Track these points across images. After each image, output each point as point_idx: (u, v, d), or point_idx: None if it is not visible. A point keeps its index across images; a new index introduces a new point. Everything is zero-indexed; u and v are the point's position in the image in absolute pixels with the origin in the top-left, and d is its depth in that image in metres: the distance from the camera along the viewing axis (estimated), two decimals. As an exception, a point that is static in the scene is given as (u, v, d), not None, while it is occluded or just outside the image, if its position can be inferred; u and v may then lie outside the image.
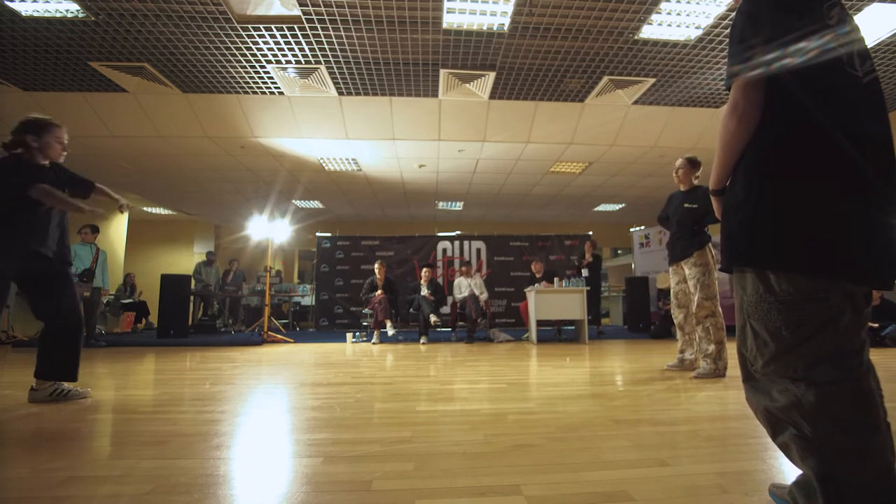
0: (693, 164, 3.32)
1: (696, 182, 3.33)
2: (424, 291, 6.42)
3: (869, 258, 0.89)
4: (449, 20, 4.01)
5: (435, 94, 5.39)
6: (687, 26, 4.12)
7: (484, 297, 6.48)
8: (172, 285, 6.69)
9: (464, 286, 6.53)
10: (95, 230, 5.77)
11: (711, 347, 3.03)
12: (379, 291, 6.23)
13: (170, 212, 10.47)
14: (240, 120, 5.80)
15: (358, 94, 5.36)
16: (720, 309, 3.15)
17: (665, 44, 4.40)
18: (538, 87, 5.24)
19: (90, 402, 2.33)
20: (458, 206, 10.37)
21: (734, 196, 1.01)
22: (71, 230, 2.50)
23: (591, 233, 8.98)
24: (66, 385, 2.35)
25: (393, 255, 8.53)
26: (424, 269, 6.63)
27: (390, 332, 6.23)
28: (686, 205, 3.24)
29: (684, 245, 3.24)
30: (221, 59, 4.60)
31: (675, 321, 3.43)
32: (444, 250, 8.69)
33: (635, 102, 5.62)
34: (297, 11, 3.89)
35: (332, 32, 4.17)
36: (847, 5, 3.79)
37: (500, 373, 3.30)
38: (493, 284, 8.25)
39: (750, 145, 0.98)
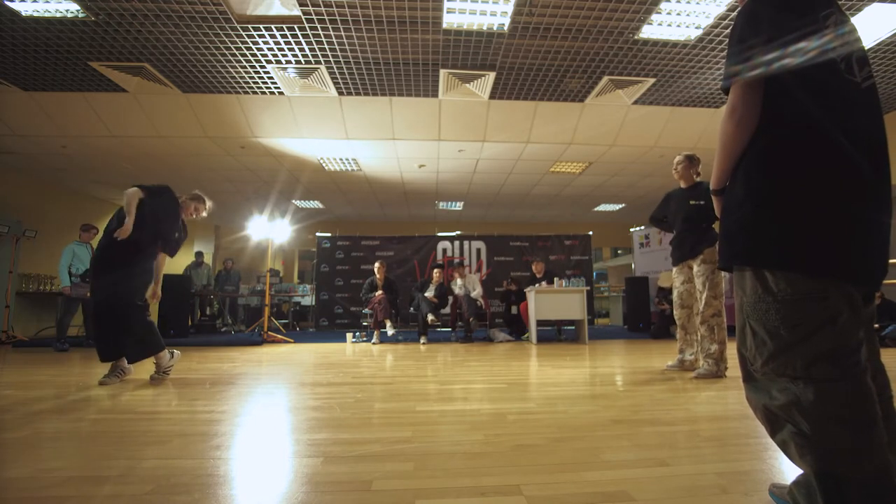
0: (692, 160, 3.30)
1: (697, 179, 3.31)
2: (430, 292, 6.41)
3: (865, 258, 0.90)
4: (449, 20, 4.00)
5: (435, 94, 5.39)
6: (687, 26, 4.12)
7: (477, 292, 6.46)
8: (172, 285, 6.69)
9: (458, 286, 6.53)
10: (92, 228, 5.70)
11: (714, 347, 3.01)
12: (379, 292, 6.23)
13: (170, 212, 10.46)
14: (240, 120, 5.80)
15: (358, 94, 5.36)
16: (725, 309, 3.13)
17: (665, 44, 4.40)
18: (538, 87, 5.24)
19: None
20: (458, 206, 10.37)
21: (734, 195, 1.02)
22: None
23: (591, 233, 9.00)
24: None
25: (393, 255, 8.54)
26: (436, 270, 6.60)
27: (390, 332, 6.22)
28: (692, 202, 3.20)
29: (693, 242, 3.18)
30: (221, 59, 4.60)
31: (678, 321, 3.40)
32: (444, 250, 8.69)
33: (635, 102, 5.62)
34: (297, 11, 3.89)
35: (332, 32, 4.17)
36: (847, 5, 3.79)
37: (499, 373, 3.30)
38: (494, 285, 8.26)
39: (750, 146, 0.98)
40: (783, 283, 0.92)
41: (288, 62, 4.69)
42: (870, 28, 4.06)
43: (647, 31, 4.20)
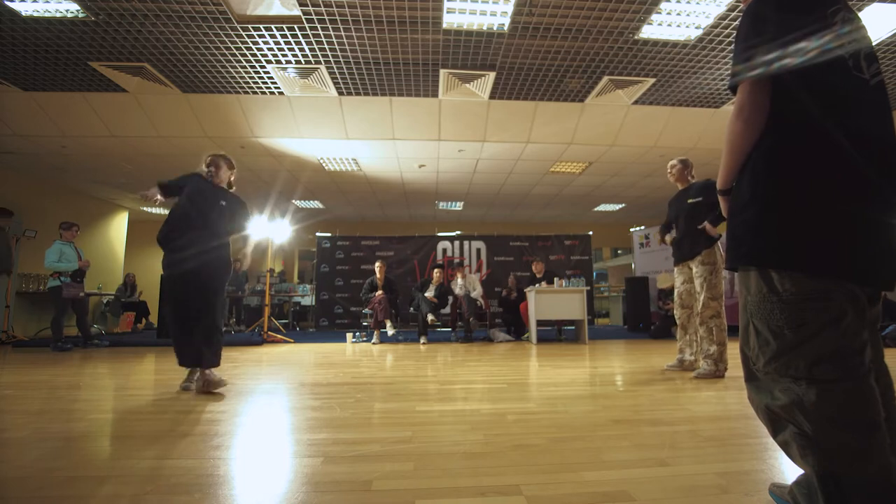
0: (686, 164, 3.36)
1: (692, 180, 3.34)
2: (430, 292, 6.40)
3: (870, 259, 0.89)
4: (449, 20, 4.00)
5: (435, 94, 5.39)
6: (687, 26, 4.12)
7: (477, 292, 6.47)
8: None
9: (458, 286, 6.54)
10: (73, 226, 5.59)
11: (713, 348, 3.01)
12: (379, 292, 6.23)
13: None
14: (240, 120, 5.80)
15: (358, 94, 5.36)
16: (724, 310, 3.13)
17: (665, 44, 4.40)
18: (538, 87, 5.23)
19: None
20: (458, 206, 10.36)
21: (740, 196, 1.02)
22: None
23: (591, 233, 9.00)
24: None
25: (393, 255, 8.54)
26: (436, 270, 6.59)
27: (390, 332, 6.22)
28: (689, 200, 3.20)
29: (691, 243, 3.18)
30: (221, 59, 4.60)
31: (678, 321, 3.41)
32: (444, 250, 8.69)
33: (635, 102, 5.62)
34: (297, 11, 3.89)
35: (332, 32, 4.17)
36: (847, 5, 3.79)
37: (499, 373, 3.30)
38: (494, 285, 8.26)
39: (756, 146, 0.98)
40: (788, 282, 0.92)
41: (288, 62, 4.69)
42: (870, 28, 4.05)
43: (647, 31, 4.20)
